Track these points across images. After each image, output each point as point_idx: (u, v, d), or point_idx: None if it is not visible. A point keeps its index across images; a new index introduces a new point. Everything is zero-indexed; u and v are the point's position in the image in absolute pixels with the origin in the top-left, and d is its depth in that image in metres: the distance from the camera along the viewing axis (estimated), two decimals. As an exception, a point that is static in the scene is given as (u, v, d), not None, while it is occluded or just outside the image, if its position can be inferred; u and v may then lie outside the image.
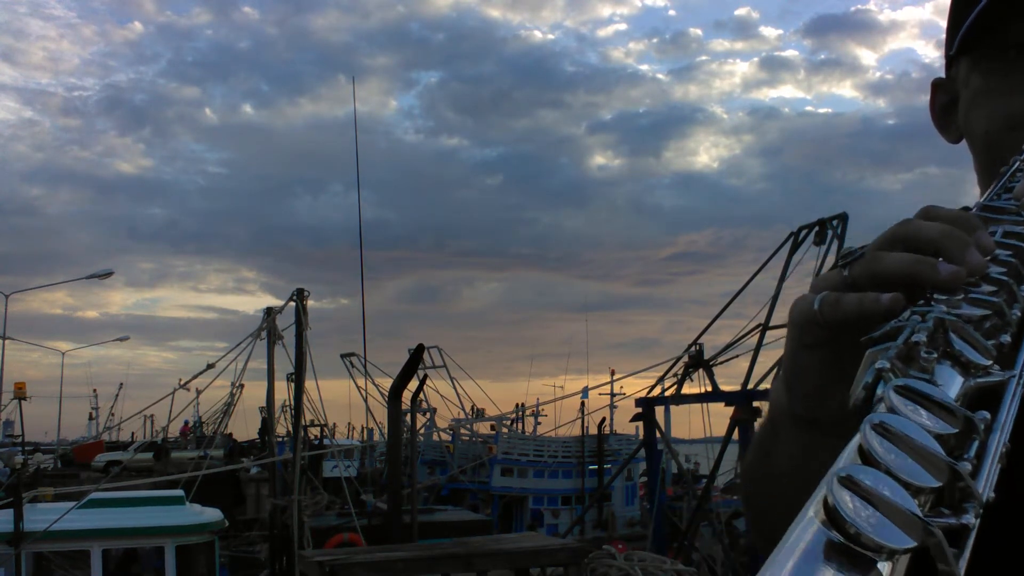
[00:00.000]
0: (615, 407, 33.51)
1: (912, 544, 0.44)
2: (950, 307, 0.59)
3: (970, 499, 0.48)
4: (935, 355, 0.55)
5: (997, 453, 0.52)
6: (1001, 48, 1.00)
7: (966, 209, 1.14)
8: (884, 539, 0.44)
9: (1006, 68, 1.00)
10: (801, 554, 0.44)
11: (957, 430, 0.51)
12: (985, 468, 0.51)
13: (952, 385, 0.55)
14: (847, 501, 0.44)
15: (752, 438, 0.94)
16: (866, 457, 0.47)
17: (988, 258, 0.64)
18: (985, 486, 0.50)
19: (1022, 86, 0.99)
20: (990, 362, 0.57)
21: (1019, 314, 0.63)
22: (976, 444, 0.52)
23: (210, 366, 15.68)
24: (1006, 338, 0.60)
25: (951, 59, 1.09)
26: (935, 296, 0.61)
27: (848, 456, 0.49)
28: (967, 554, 0.46)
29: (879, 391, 0.53)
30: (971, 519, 0.47)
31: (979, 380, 0.56)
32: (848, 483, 0.45)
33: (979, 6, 0.97)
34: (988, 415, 0.53)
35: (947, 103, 1.13)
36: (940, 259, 0.62)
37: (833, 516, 0.44)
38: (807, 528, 0.45)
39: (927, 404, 0.52)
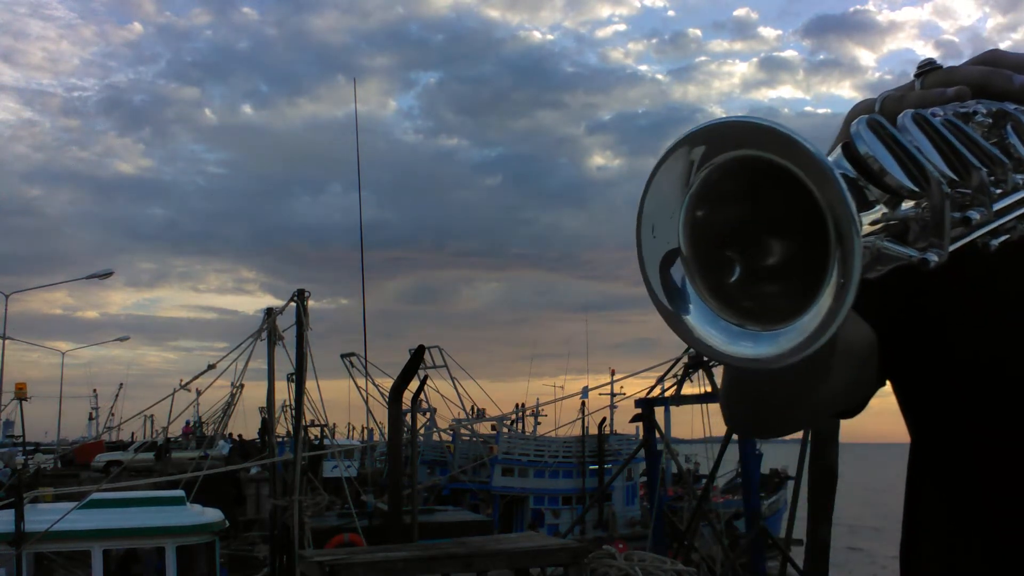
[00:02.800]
0: (615, 407, 33.54)
1: (917, 188, 0.44)
2: (1019, 111, 0.60)
3: (984, 203, 0.48)
4: (987, 128, 0.56)
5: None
6: None
7: None
8: (898, 176, 0.44)
9: None
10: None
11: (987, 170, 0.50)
12: (1013, 198, 0.51)
13: None
14: (871, 137, 0.45)
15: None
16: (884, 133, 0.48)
17: None
18: (1004, 209, 0.50)
19: None
20: None
21: None
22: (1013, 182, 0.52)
23: (211, 366, 15.68)
24: None
25: None
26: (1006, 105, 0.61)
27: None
28: (949, 231, 0.46)
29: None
30: (976, 216, 0.47)
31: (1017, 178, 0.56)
32: (875, 124, 0.46)
33: None
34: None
35: None
36: (1015, 73, 0.63)
37: (852, 151, 0.45)
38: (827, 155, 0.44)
39: (951, 132, 0.51)
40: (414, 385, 16.38)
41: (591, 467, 28.16)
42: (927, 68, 0.65)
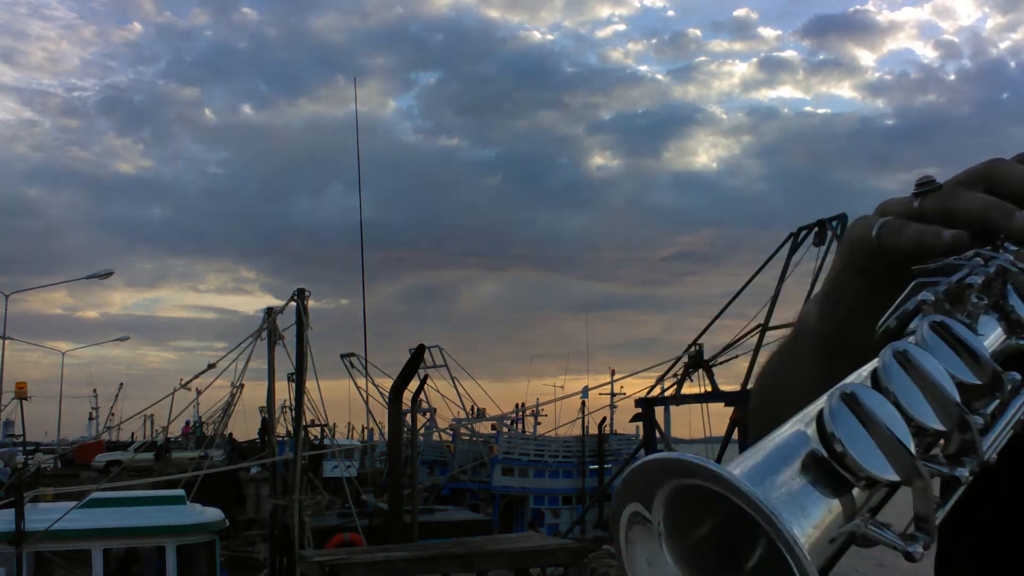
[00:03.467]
0: (615, 407, 33.55)
1: (895, 479, 0.42)
2: (1018, 259, 0.56)
3: (971, 454, 0.45)
4: (985, 302, 0.53)
5: (1016, 418, 0.49)
6: None
7: None
8: (868, 466, 0.41)
9: None
10: (780, 455, 0.42)
11: (981, 382, 0.48)
12: (998, 428, 0.48)
13: (992, 337, 0.52)
14: (842, 417, 0.42)
15: (773, 352, 0.92)
16: (877, 381, 0.45)
17: None
18: (991, 446, 0.47)
19: None
20: None
21: None
22: (997, 403, 0.49)
23: (211, 366, 15.70)
24: None
25: None
26: (1006, 246, 0.58)
27: (859, 376, 0.47)
28: (948, 508, 0.44)
29: (914, 323, 0.51)
30: (965, 473, 0.45)
31: (1022, 342, 0.53)
32: (849, 400, 0.43)
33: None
34: (1019, 377, 0.50)
35: None
36: (1019, 209, 0.59)
37: (823, 429, 0.42)
38: (795, 434, 0.43)
39: (959, 348, 0.49)
40: (414, 385, 16.38)
41: (591, 467, 28.16)
42: (926, 187, 0.63)
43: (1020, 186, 0.61)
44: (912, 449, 0.42)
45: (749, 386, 17.67)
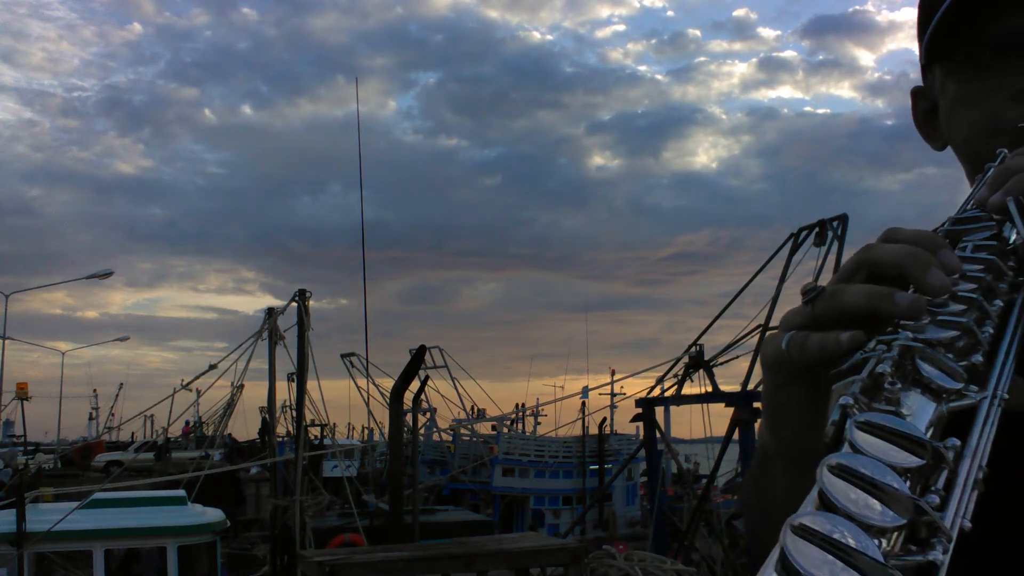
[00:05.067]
0: (615, 407, 33.57)
1: None
2: (916, 332, 0.57)
3: (937, 534, 0.45)
4: (899, 385, 0.54)
5: (969, 481, 0.49)
6: (971, 53, 0.97)
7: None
8: None
9: (979, 73, 0.98)
10: None
11: (924, 461, 0.48)
12: (954, 499, 0.48)
13: (924, 413, 0.52)
14: (802, 552, 0.41)
15: (748, 468, 0.92)
16: (824, 501, 0.45)
17: (955, 276, 0.62)
18: (956, 517, 0.47)
19: (997, 89, 0.96)
20: (962, 384, 0.54)
21: (991, 331, 0.60)
22: (945, 474, 0.49)
23: (212, 367, 15.71)
24: (978, 358, 0.57)
25: (925, 68, 1.07)
26: (901, 323, 0.59)
27: (808, 502, 0.46)
28: None
29: (846, 428, 0.51)
30: (939, 555, 0.44)
31: (952, 405, 0.53)
32: (802, 532, 0.42)
33: (940, 11, 0.95)
34: (958, 442, 0.50)
35: (928, 111, 1.10)
36: (897, 291, 0.61)
37: (788, 569, 0.41)
38: None
39: (892, 437, 0.49)
40: (415, 385, 16.39)
41: (591, 467, 28.16)
42: (812, 294, 0.64)
43: (895, 262, 0.63)
44: (880, 558, 0.42)
45: (749, 387, 17.73)
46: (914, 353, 0.55)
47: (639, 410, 19.16)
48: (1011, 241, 0.68)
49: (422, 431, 28.57)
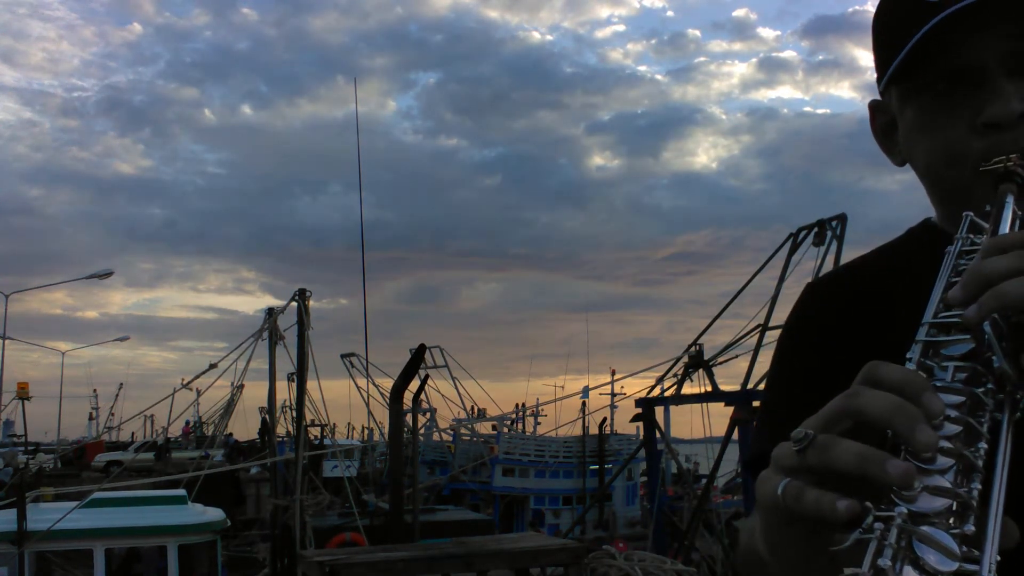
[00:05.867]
0: (615, 407, 33.58)
1: None
2: (908, 504, 0.60)
3: None
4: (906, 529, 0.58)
5: None
6: (929, 81, 0.98)
7: (928, 224, 1.13)
8: None
9: (937, 102, 0.99)
10: None
11: None
12: None
13: None
14: None
15: (743, 535, 0.94)
16: None
17: (940, 419, 0.63)
18: None
19: (956, 119, 0.98)
20: (957, 565, 0.57)
21: (980, 487, 0.62)
22: None
23: (212, 366, 15.73)
24: (970, 527, 0.59)
25: (881, 83, 1.07)
26: (893, 490, 0.61)
27: None
28: None
29: None
30: None
31: None
32: None
33: (907, 46, 0.95)
34: None
35: (886, 125, 1.11)
36: (888, 459, 0.61)
37: None
38: None
39: None
40: (415, 385, 16.39)
41: (591, 467, 28.17)
42: (804, 443, 0.65)
43: (880, 422, 0.63)
44: None
45: (749, 387, 17.71)
46: (911, 534, 0.58)
47: (639, 410, 19.16)
48: (994, 365, 0.68)
49: (422, 431, 28.59)
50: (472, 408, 33.08)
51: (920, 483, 0.61)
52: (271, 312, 15.13)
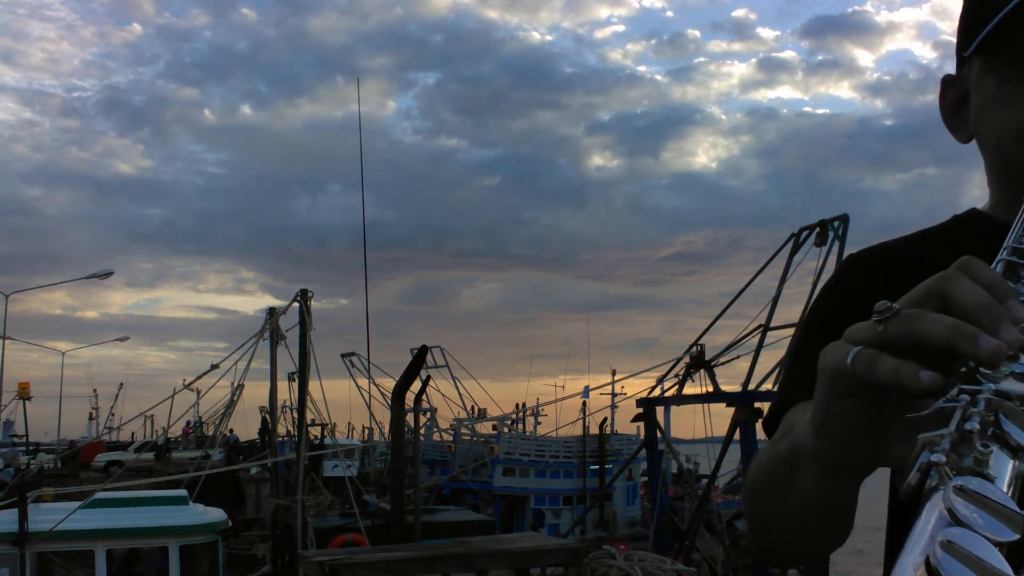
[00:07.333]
0: (616, 407, 33.56)
1: None
2: (995, 382, 0.59)
3: None
4: (991, 449, 0.55)
5: None
6: (1016, 54, 0.98)
7: (974, 213, 1.15)
8: None
9: (1020, 76, 0.99)
10: None
11: (1019, 536, 0.51)
12: None
13: (1004, 470, 0.55)
14: None
15: (762, 455, 0.93)
16: (931, 571, 0.49)
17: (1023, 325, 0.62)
18: None
19: None
20: None
21: None
22: None
23: (214, 366, 15.74)
24: None
25: (963, 58, 1.07)
26: (979, 370, 0.60)
27: (909, 564, 0.50)
28: None
29: (931, 481, 0.54)
30: None
31: None
32: None
33: (1003, 11, 0.95)
34: None
35: (957, 101, 1.10)
36: (982, 334, 0.59)
37: None
38: None
39: (988, 507, 0.52)
40: (416, 385, 16.38)
41: (592, 467, 28.16)
42: (886, 314, 0.63)
43: (971, 309, 0.61)
44: None
45: (750, 387, 17.68)
46: (999, 408, 0.57)
47: (640, 410, 19.17)
48: None
49: (423, 431, 28.57)
50: (472, 408, 33.09)
51: (1006, 368, 0.59)
52: (272, 312, 15.14)
